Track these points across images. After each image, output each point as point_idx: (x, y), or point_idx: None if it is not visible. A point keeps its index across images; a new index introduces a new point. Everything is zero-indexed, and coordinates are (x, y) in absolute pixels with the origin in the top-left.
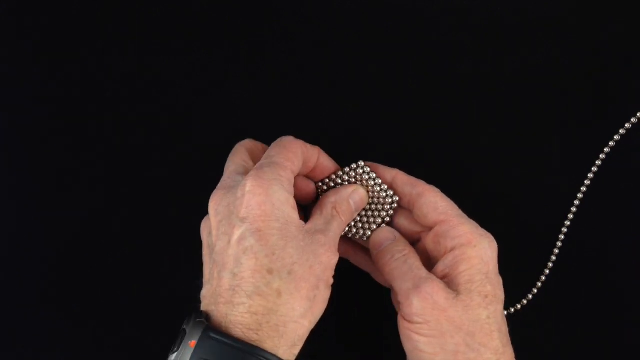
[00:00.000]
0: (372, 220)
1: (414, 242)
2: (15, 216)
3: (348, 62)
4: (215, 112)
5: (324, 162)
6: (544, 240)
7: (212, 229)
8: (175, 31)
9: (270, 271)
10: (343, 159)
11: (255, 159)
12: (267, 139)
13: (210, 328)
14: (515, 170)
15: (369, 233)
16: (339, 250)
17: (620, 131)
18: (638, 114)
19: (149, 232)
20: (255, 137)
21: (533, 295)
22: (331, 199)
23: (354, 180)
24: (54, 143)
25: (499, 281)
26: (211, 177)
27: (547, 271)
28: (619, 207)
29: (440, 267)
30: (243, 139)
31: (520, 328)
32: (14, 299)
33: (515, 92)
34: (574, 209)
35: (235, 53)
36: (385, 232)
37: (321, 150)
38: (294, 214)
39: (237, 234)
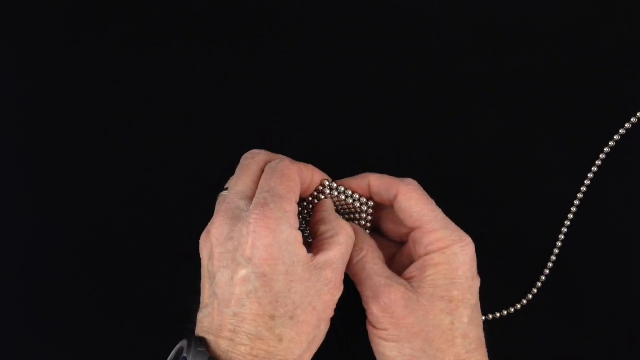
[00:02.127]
0: None
1: (404, 242)
2: (16, 216)
3: (348, 62)
4: (215, 112)
5: (318, 179)
6: (544, 241)
7: (213, 257)
8: (175, 31)
9: (272, 317)
10: (343, 159)
11: None
12: (267, 139)
13: None
14: (515, 170)
15: None
16: None
17: (620, 131)
18: (638, 114)
19: (149, 232)
20: (255, 137)
21: (533, 295)
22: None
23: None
24: (53, 143)
25: (471, 286)
26: (211, 176)
27: (547, 271)
28: (619, 207)
29: (410, 269)
30: (243, 139)
31: (520, 328)
32: (14, 299)
33: (515, 92)
34: (574, 209)
35: (235, 53)
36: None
37: (314, 168)
38: (302, 251)
39: (241, 273)
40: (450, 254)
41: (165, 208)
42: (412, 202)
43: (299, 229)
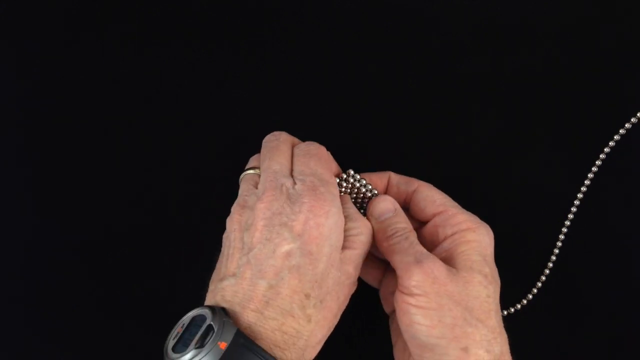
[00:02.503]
0: None
1: None
2: (16, 216)
3: (348, 62)
4: (215, 112)
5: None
6: (544, 240)
7: (254, 229)
8: (175, 31)
9: (307, 296)
10: (343, 159)
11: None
12: None
13: (242, 334)
14: (515, 170)
15: None
16: None
17: (620, 131)
18: (638, 114)
19: (149, 232)
20: (255, 137)
21: (533, 295)
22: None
23: (344, 189)
24: (53, 143)
25: (495, 268)
26: (211, 176)
27: (547, 271)
28: (619, 207)
29: (438, 250)
30: (243, 139)
31: (520, 328)
32: (14, 299)
33: (515, 92)
34: (574, 209)
35: (235, 53)
36: (387, 203)
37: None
38: (342, 239)
39: (285, 247)
40: (480, 234)
41: (165, 208)
42: (434, 191)
43: None
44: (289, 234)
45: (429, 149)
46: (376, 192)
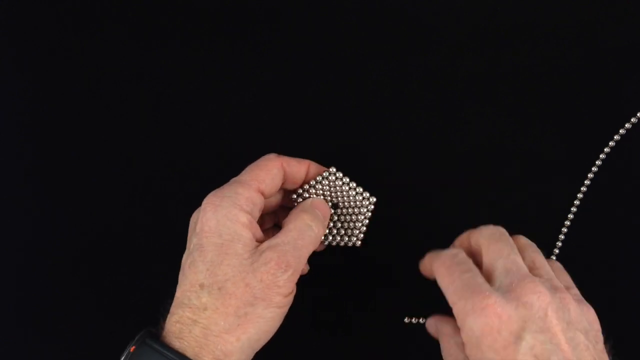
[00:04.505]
0: (352, 225)
1: None
2: (16, 216)
3: (348, 63)
4: (216, 112)
5: (315, 172)
6: (544, 240)
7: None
8: (175, 31)
9: (202, 286)
10: (342, 158)
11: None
12: (267, 139)
13: (147, 335)
14: (515, 171)
15: (355, 239)
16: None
17: (620, 131)
18: (638, 114)
19: (149, 232)
20: (255, 138)
21: None
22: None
23: (327, 188)
24: (53, 143)
25: (514, 349)
26: (211, 176)
27: None
28: (619, 207)
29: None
30: (243, 139)
31: None
32: (14, 298)
33: (515, 92)
34: (574, 209)
35: (235, 53)
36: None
37: (312, 163)
38: (244, 232)
39: (188, 250)
40: (467, 330)
41: (165, 208)
42: (438, 277)
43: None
44: (193, 236)
45: (428, 149)
46: (361, 189)
